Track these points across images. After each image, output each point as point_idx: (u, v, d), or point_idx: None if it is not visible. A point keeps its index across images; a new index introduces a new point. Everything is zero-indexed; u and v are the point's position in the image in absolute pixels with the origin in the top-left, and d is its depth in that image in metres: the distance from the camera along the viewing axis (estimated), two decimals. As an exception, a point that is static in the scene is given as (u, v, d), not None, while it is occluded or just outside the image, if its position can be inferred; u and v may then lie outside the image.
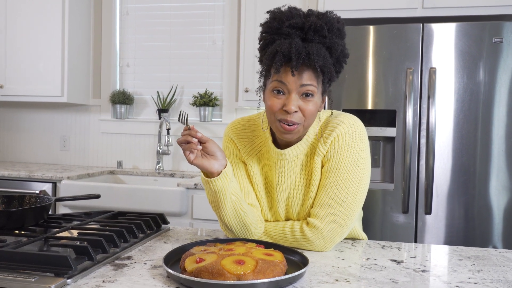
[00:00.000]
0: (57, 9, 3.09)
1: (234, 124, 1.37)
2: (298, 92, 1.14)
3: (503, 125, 2.24)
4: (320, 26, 1.12)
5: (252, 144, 1.33)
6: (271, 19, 1.18)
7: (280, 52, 1.10)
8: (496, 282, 0.99)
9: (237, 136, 1.35)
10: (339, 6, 2.61)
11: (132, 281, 0.94)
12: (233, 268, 0.90)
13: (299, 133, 1.19)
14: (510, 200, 2.25)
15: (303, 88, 1.13)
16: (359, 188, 1.20)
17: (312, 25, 1.11)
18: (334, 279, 0.98)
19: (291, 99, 1.13)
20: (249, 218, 1.22)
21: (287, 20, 1.14)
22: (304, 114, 1.15)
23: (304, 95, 1.14)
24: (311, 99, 1.15)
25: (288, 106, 1.13)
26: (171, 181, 3.09)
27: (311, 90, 1.14)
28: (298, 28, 1.13)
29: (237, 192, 1.18)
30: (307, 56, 1.10)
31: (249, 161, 1.33)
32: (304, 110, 1.15)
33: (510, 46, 2.23)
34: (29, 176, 2.82)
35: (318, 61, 1.10)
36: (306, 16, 1.16)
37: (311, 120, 1.19)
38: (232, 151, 1.35)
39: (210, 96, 3.21)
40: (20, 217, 1.22)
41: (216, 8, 3.30)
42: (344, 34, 1.18)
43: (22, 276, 0.90)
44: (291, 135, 1.18)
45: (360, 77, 2.38)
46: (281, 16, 1.16)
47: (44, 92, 3.14)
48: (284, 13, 1.16)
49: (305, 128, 1.20)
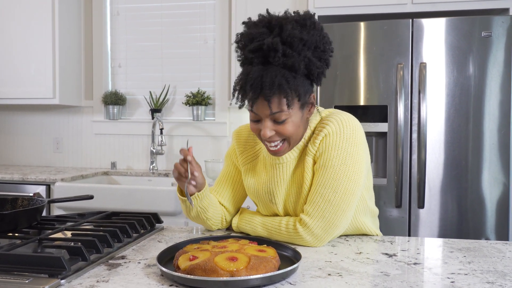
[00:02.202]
0: (47, 11, 3.07)
1: (241, 129, 1.45)
2: (271, 118, 1.18)
3: (494, 118, 2.26)
4: (275, 49, 1.11)
5: (253, 149, 1.40)
6: (236, 40, 1.20)
7: (239, 86, 1.15)
8: (486, 273, 1.00)
9: (239, 142, 1.43)
10: (330, 3, 2.62)
11: (126, 280, 0.95)
12: (226, 265, 0.90)
13: (288, 149, 1.24)
14: (502, 192, 2.27)
15: (273, 116, 1.17)
16: (347, 187, 1.21)
17: (270, 46, 1.11)
18: (326, 274, 0.99)
19: (264, 125, 1.18)
20: (210, 221, 1.37)
21: (249, 42, 1.16)
22: (284, 134, 1.20)
23: (275, 122, 1.18)
24: (286, 122, 1.18)
25: (262, 132, 1.19)
26: (165, 180, 3.10)
27: (279, 117, 1.17)
28: (258, 51, 1.14)
29: (205, 205, 1.31)
30: (262, 90, 1.11)
31: (245, 166, 1.40)
32: (281, 132, 1.19)
33: (499, 40, 2.25)
34: (23, 179, 2.81)
35: (270, 94, 1.11)
36: (266, 34, 1.14)
37: (296, 135, 1.22)
38: (231, 154, 1.46)
39: (202, 95, 3.22)
40: (13, 219, 1.22)
41: (207, 7, 3.30)
42: (314, 36, 1.16)
43: (16, 277, 0.90)
44: (279, 154, 1.25)
45: (351, 73, 2.39)
46: (242, 38, 1.18)
47: (36, 95, 3.12)
48: (246, 34, 1.17)
49: (294, 142, 1.24)
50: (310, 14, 1.19)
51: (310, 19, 1.17)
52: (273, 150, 1.23)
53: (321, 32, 1.18)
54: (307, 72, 1.17)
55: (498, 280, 0.95)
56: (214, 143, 3.26)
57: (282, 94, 1.12)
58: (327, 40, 1.21)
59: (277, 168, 1.30)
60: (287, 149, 1.24)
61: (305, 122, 1.25)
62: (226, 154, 1.48)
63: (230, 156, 1.46)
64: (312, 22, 1.17)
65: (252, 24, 1.19)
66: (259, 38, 1.14)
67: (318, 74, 1.19)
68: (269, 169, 1.32)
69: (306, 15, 1.18)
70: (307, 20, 1.16)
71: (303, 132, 1.25)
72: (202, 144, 3.27)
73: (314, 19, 1.19)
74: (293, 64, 1.12)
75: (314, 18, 1.19)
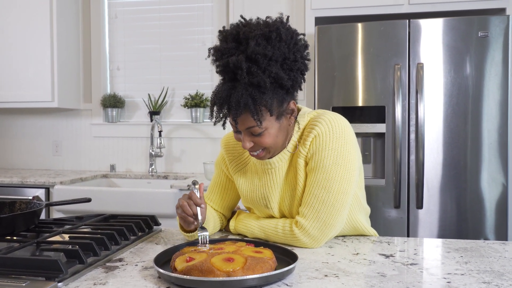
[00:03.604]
0: (45, 14, 3.08)
1: (228, 137, 1.45)
2: (247, 132, 1.19)
3: (492, 118, 2.26)
4: (240, 67, 1.10)
5: (242, 157, 1.40)
6: (209, 55, 1.20)
7: (212, 103, 1.17)
8: (482, 273, 1.01)
9: (227, 150, 1.43)
10: (327, 4, 2.62)
11: (123, 282, 0.95)
12: (222, 266, 0.91)
13: (271, 153, 1.25)
14: (501, 192, 2.27)
15: (248, 130, 1.19)
16: (341, 187, 1.21)
17: (236, 64, 1.11)
18: (323, 275, 0.99)
19: (243, 138, 1.21)
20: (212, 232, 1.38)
21: (219, 58, 1.16)
22: (261, 145, 1.21)
23: (252, 134, 1.19)
24: (262, 134, 1.19)
25: (242, 144, 1.21)
26: (164, 183, 3.10)
27: (255, 130, 1.18)
28: (226, 67, 1.14)
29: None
30: (229, 110, 1.13)
31: (236, 174, 1.40)
32: (258, 143, 1.20)
33: (496, 40, 2.25)
34: (22, 182, 2.81)
35: (237, 114, 1.12)
36: (234, 49, 1.14)
37: (275, 144, 1.22)
38: (220, 162, 1.47)
39: (201, 97, 3.22)
40: (11, 223, 1.22)
41: (204, 9, 3.30)
42: (280, 49, 1.13)
43: (13, 281, 0.91)
44: (262, 159, 1.26)
45: (349, 74, 2.40)
46: (214, 52, 1.18)
47: (35, 98, 3.13)
48: (216, 50, 1.17)
49: (275, 150, 1.25)
50: (277, 24, 1.15)
51: (277, 30, 1.13)
52: (255, 156, 1.25)
53: (290, 41, 1.16)
54: (278, 85, 1.15)
55: (494, 280, 0.96)
56: (213, 145, 3.26)
57: (249, 113, 1.13)
58: (299, 47, 1.18)
59: (269, 173, 1.31)
60: (268, 155, 1.26)
61: (286, 129, 1.25)
62: (215, 162, 1.49)
63: (219, 164, 1.47)
64: (277, 34, 1.13)
65: (223, 36, 1.19)
66: (227, 53, 1.14)
67: (292, 85, 1.18)
68: (261, 175, 1.33)
69: (273, 26, 1.15)
70: (273, 33, 1.13)
71: (284, 139, 1.25)
72: (201, 146, 3.27)
73: (281, 30, 1.14)
74: (258, 82, 1.11)
75: (281, 29, 1.14)
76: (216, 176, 1.48)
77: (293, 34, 1.18)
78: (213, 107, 1.18)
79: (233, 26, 1.18)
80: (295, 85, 1.20)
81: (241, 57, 1.11)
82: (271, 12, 1.29)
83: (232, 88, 1.13)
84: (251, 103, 1.12)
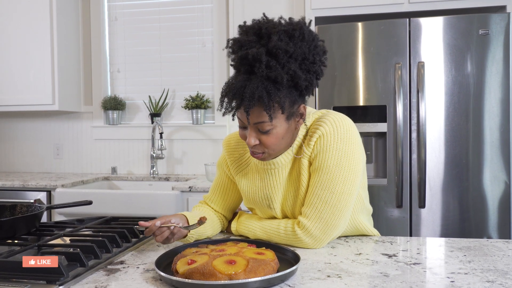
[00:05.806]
0: (45, 17, 3.08)
1: (230, 138, 1.44)
2: (255, 127, 1.17)
3: (494, 116, 2.25)
4: (259, 60, 1.09)
5: (243, 157, 1.39)
6: (227, 46, 1.19)
7: (223, 94, 1.16)
8: (486, 272, 1.00)
9: (229, 151, 1.42)
10: (326, 4, 2.62)
11: (125, 285, 0.95)
12: (224, 268, 0.90)
13: (271, 156, 1.23)
14: (503, 190, 2.26)
15: (256, 126, 1.16)
16: (344, 188, 1.20)
17: (255, 56, 1.10)
18: (326, 275, 0.99)
19: (249, 133, 1.18)
20: (212, 234, 1.39)
21: (238, 49, 1.15)
22: (266, 146, 1.19)
23: (259, 131, 1.17)
24: (270, 132, 1.17)
25: (247, 140, 1.19)
26: (166, 185, 3.09)
27: (263, 127, 1.16)
28: (244, 59, 1.13)
29: (202, 232, 1.31)
30: (242, 101, 1.11)
31: (238, 175, 1.39)
32: (264, 142, 1.18)
33: (497, 38, 2.24)
34: (23, 185, 2.81)
35: (250, 106, 1.10)
36: (254, 43, 1.13)
37: (278, 146, 1.20)
38: (221, 163, 1.45)
39: (202, 98, 3.22)
40: (11, 226, 1.22)
41: (204, 10, 3.30)
42: (301, 48, 1.13)
43: (14, 284, 0.90)
44: (262, 160, 1.24)
45: (350, 74, 2.39)
46: (233, 44, 1.17)
47: (36, 101, 3.13)
48: (236, 41, 1.16)
49: (277, 152, 1.23)
50: (301, 24, 1.15)
51: (300, 29, 1.13)
52: (256, 156, 1.23)
53: (311, 43, 1.15)
54: (293, 84, 1.14)
55: (498, 279, 0.95)
56: (214, 146, 3.25)
57: (262, 106, 1.11)
58: (319, 51, 1.17)
59: (272, 173, 1.30)
60: (269, 157, 1.24)
61: (292, 133, 1.23)
62: (217, 163, 1.48)
63: (221, 165, 1.46)
64: (301, 33, 1.13)
65: (244, 30, 1.18)
66: (247, 46, 1.13)
67: (306, 86, 1.16)
68: (263, 175, 1.32)
69: (297, 25, 1.15)
70: (296, 31, 1.13)
71: (289, 142, 1.23)
72: (202, 148, 3.27)
73: (305, 29, 1.14)
74: (276, 77, 1.10)
75: (304, 29, 1.14)
76: (218, 177, 1.47)
77: (315, 36, 1.18)
78: (224, 97, 1.16)
79: (255, 22, 1.17)
80: (309, 88, 1.19)
81: (261, 50, 1.10)
82: (271, 12, 1.28)
83: (247, 80, 1.12)
84: (266, 96, 1.10)
